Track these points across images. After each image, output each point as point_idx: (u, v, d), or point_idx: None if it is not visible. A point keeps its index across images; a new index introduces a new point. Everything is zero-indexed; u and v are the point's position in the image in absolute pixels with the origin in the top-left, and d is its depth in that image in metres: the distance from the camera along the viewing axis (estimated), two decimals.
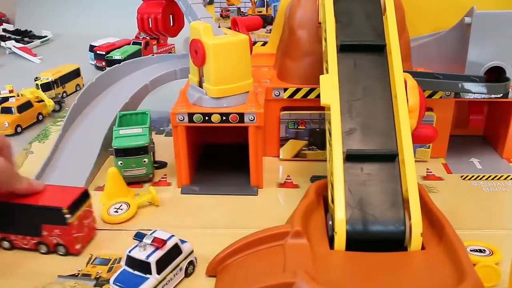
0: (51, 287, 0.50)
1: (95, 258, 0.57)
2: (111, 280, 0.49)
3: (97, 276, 0.54)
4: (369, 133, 0.55)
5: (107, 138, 0.78)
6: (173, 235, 0.52)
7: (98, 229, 0.61)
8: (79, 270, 0.55)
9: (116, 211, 0.64)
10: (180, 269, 0.52)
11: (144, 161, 0.70)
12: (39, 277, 0.53)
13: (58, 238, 0.56)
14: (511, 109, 0.74)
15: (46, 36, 1.61)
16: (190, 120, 0.66)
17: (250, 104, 0.66)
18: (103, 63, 1.27)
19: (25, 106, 0.92)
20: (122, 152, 0.70)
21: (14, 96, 0.95)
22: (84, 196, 0.58)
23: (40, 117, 0.96)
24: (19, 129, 0.91)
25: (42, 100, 0.97)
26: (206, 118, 0.66)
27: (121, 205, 0.65)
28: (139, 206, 0.65)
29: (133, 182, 0.71)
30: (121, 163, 0.70)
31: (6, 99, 0.94)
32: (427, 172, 0.74)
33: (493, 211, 0.65)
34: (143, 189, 0.71)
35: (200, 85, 0.69)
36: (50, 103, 0.98)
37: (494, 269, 0.50)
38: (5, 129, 0.88)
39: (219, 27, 0.69)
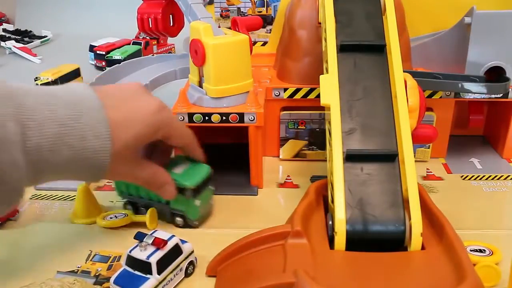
0: (50, 283, 0.49)
1: (95, 255, 0.57)
2: (111, 280, 0.49)
3: (97, 274, 0.54)
4: (369, 133, 0.55)
5: None
6: (173, 235, 0.52)
7: (108, 228, 0.62)
8: (78, 267, 0.55)
9: (112, 218, 0.62)
10: (180, 269, 0.52)
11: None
12: (37, 272, 0.54)
13: None
14: (511, 109, 0.75)
15: (46, 36, 1.61)
16: (190, 120, 0.66)
17: (250, 104, 0.66)
18: (103, 63, 1.27)
19: None
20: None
21: None
22: None
23: None
24: None
25: None
26: (206, 118, 0.66)
27: (118, 214, 0.63)
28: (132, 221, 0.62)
29: None
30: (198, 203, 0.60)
31: None
32: (427, 172, 0.74)
33: (493, 211, 0.65)
34: None
35: (200, 85, 0.69)
36: None
37: (494, 269, 0.50)
38: None
39: (219, 27, 0.69)
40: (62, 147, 0.44)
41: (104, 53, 1.28)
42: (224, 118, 0.66)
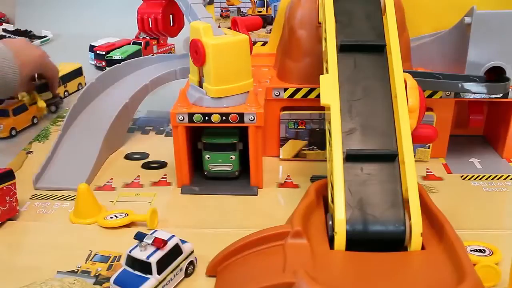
0: (50, 282, 0.49)
1: (95, 255, 0.57)
2: (112, 280, 0.49)
3: (97, 274, 0.54)
4: (369, 133, 0.55)
5: (107, 138, 0.78)
6: (173, 235, 0.52)
7: (106, 227, 0.61)
8: (78, 267, 0.55)
9: (112, 218, 0.63)
10: (180, 269, 0.52)
11: (231, 158, 0.70)
12: (37, 272, 0.54)
13: None
14: (511, 109, 0.74)
15: (46, 36, 1.61)
16: (190, 120, 0.66)
17: (250, 104, 0.66)
18: (103, 63, 1.27)
19: (21, 109, 0.92)
20: (210, 147, 0.69)
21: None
22: (8, 175, 0.62)
23: (35, 120, 0.95)
24: (13, 132, 0.90)
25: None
26: (206, 118, 0.66)
27: (118, 214, 0.63)
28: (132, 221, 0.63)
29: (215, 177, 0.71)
30: (208, 157, 0.70)
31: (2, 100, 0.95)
32: (427, 172, 0.74)
33: (493, 211, 0.65)
34: (143, 189, 0.71)
35: (200, 85, 0.69)
36: (42, 105, 0.95)
37: (494, 269, 0.50)
38: (0, 132, 0.88)
39: (219, 27, 0.69)
40: None
41: (104, 53, 1.28)
42: (224, 118, 0.66)
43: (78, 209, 0.64)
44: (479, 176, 0.73)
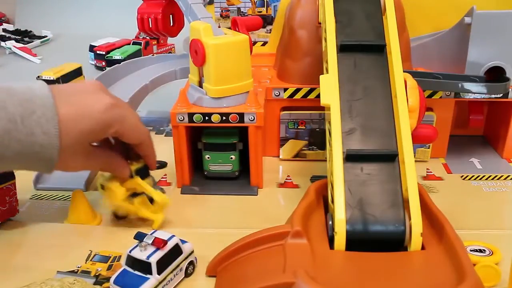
0: (50, 282, 0.49)
1: (95, 255, 0.57)
2: (112, 280, 0.49)
3: (97, 274, 0.54)
4: (369, 133, 0.55)
5: None
6: (173, 235, 0.52)
7: (112, 225, 0.62)
8: (78, 267, 0.55)
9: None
10: (180, 269, 0.52)
11: (231, 158, 0.70)
12: (37, 272, 0.54)
13: None
14: (511, 109, 0.75)
15: (46, 36, 1.61)
16: (190, 120, 0.66)
17: (250, 104, 0.66)
18: (103, 63, 1.27)
19: None
20: (210, 147, 0.69)
21: None
22: (8, 175, 0.61)
23: None
24: None
25: None
26: (206, 118, 0.66)
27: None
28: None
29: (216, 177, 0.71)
30: (208, 157, 0.70)
31: None
32: (427, 172, 0.74)
33: (493, 211, 0.65)
34: None
35: (200, 85, 0.69)
36: (160, 199, 0.77)
37: (494, 269, 0.50)
38: None
39: (219, 27, 0.69)
40: (10, 141, 0.47)
41: (104, 53, 1.28)
42: (224, 118, 0.66)
43: (71, 215, 0.63)
44: (479, 176, 0.73)
